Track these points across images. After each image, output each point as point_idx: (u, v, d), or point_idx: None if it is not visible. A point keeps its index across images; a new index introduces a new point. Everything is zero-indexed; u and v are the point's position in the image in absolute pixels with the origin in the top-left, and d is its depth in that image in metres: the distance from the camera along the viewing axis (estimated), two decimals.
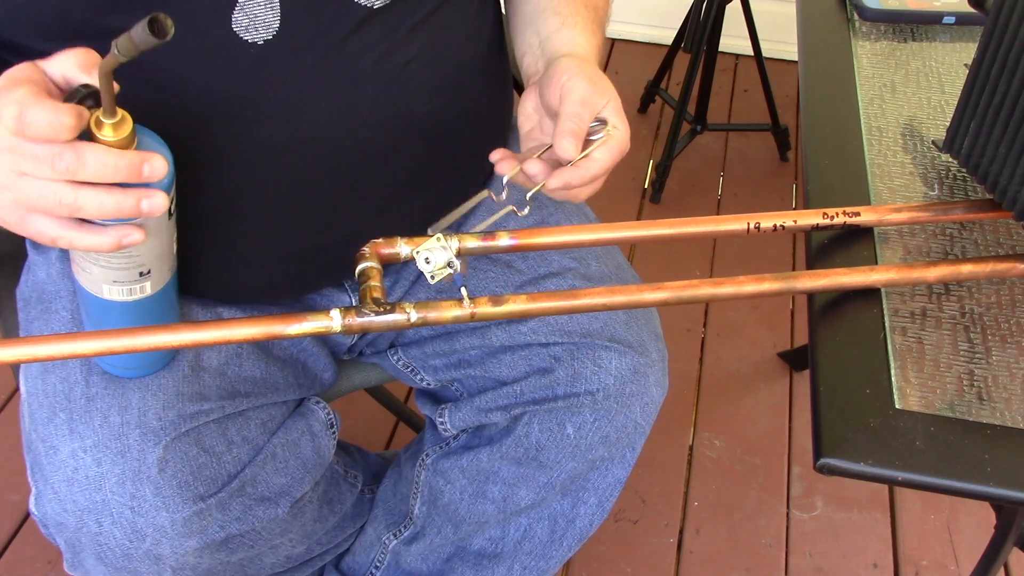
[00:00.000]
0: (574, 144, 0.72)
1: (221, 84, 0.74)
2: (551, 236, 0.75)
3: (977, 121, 0.77)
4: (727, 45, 2.14)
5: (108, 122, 0.60)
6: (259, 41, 0.73)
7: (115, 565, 0.80)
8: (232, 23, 0.72)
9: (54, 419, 0.80)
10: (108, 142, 0.60)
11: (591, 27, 0.89)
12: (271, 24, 0.73)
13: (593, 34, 0.88)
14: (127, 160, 0.60)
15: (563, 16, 0.88)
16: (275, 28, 0.73)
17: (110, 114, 0.60)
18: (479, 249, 0.72)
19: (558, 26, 0.87)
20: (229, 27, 0.72)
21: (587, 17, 0.89)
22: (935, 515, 1.54)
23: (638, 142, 2.32)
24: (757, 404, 1.71)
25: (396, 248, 0.70)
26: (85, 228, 0.62)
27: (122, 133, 0.60)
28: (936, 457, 0.62)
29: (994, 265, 0.73)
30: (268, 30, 0.73)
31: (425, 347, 1.00)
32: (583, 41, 0.86)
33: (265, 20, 0.73)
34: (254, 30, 0.73)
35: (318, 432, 0.94)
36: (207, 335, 0.63)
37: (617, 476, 1.02)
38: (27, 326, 0.88)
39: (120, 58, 0.56)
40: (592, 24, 0.89)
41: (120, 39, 0.56)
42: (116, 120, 0.60)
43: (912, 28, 1.05)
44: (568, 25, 0.87)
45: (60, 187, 0.59)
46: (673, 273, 1.93)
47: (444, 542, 1.08)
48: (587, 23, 0.88)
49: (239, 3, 0.72)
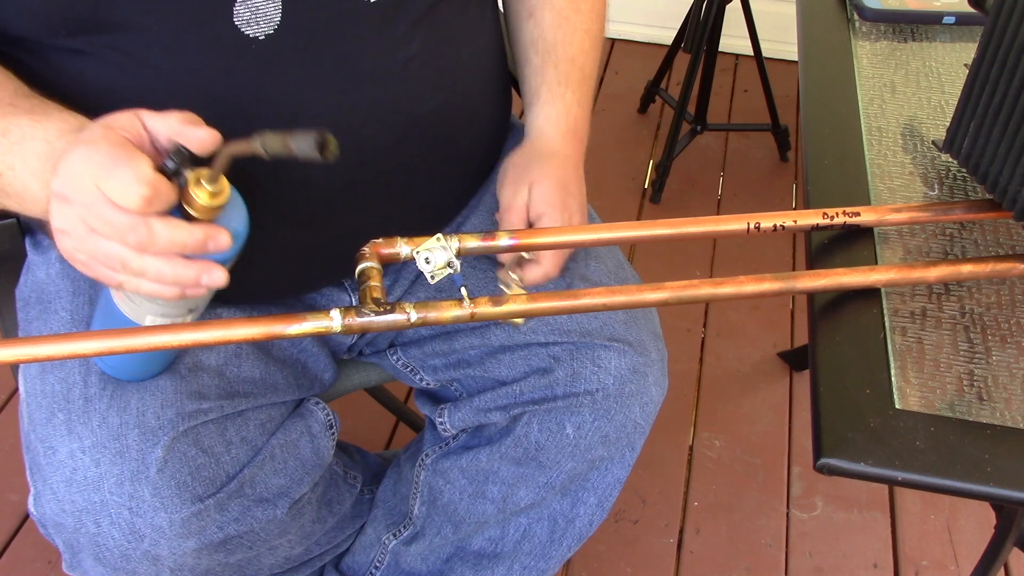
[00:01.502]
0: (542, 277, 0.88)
1: (223, 79, 0.74)
2: (551, 236, 0.75)
3: (977, 121, 0.77)
4: (727, 45, 2.14)
5: (208, 188, 0.61)
6: (260, 36, 0.73)
7: (113, 566, 0.80)
8: (234, 17, 0.72)
9: (53, 420, 0.80)
10: (198, 204, 0.62)
11: (575, 72, 0.94)
12: (272, 18, 0.73)
13: (573, 86, 0.93)
14: (195, 238, 0.61)
15: (541, 56, 0.94)
16: (276, 22, 0.73)
17: (213, 182, 0.61)
18: (479, 249, 0.72)
19: (537, 84, 0.94)
20: (231, 21, 0.72)
21: (566, 63, 0.94)
22: (935, 515, 1.54)
23: (638, 142, 2.33)
24: (757, 404, 1.71)
25: (396, 248, 0.69)
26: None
27: (215, 202, 0.62)
28: (936, 457, 0.62)
29: (994, 265, 0.73)
30: (270, 24, 0.73)
31: (425, 347, 0.99)
32: (559, 110, 0.93)
33: (267, 14, 0.73)
34: (256, 24, 0.73)
35: (317, 433, 0.94)
36: (207, 335, 0.63)
37: (617, 476, 1.02)
38: (26, 326, 0.88)
39: (261, 153, 0.58)
40: (573, 66, 0.94)
41: (271, 137, 0.57)
42: (216, 189, 0.62)
43: (912, 28, 1.05)
44: (547, 82, 0.93)
45: (127, 253, 0.61)
46: (673, 273, 1.93)
47: (444, 542, 1.08)
48: (570, 67, 0.94)
49: None
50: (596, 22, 0.97)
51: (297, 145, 0.56)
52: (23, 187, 0.66)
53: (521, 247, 0.74)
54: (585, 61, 0.95)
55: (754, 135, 2.31)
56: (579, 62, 0.94)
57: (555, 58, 0.93)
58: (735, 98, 2.48)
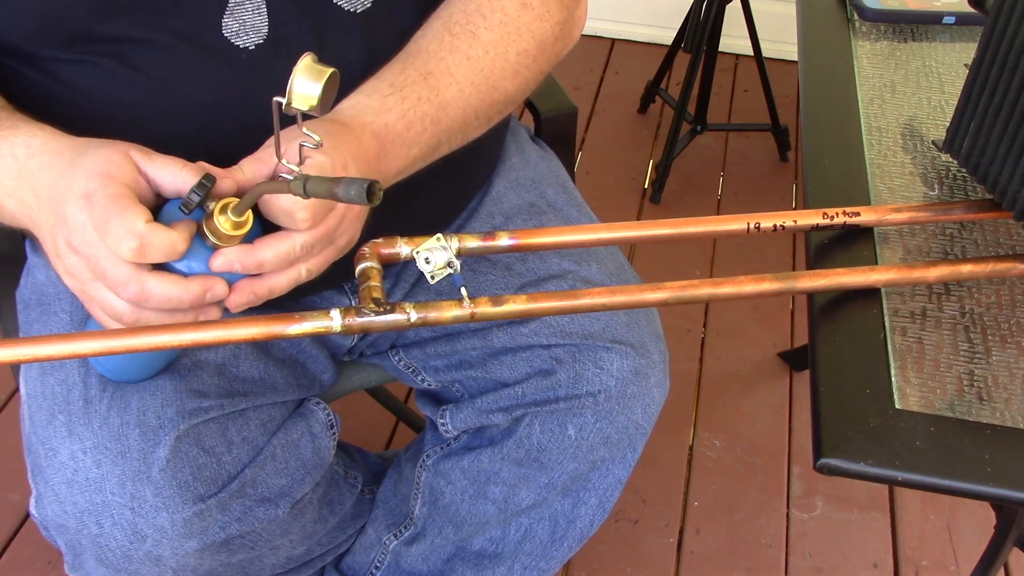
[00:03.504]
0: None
1: (215, 89, 0.74)
2: (551, 236, 0.75)
3: (977, 121, 0.77)
4: (727, 45, 2.14)
5: (233, 219, 0.62)
6: (250, 46, 0.74)
7: (116, 567, 0.80)
8: (223, 28, 0.72)
9: (53, 421, 0.80)
10: (222, 233, 0.62)
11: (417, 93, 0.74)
12: (260, 29, 0.73)
13: (409, 99, 0.73)
14: (191, 294, 0.62)
15: (401, 56, 0.76)
16: (264, 33, 0.74)
17: (239, 213, 0.62)
18: (479, 249, 0.72)
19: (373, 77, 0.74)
20: (220, 32, 0.72)
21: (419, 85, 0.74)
22: (935, 515, 1.54)
23: (638, 142, 2.33)
24: (757, 404, 1.71)
25: (396, 248, 0.69)
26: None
27: (238, 232, 0.63)
28: (936, 457, 0.62)
29: (994, 265, 0.73)
30: (258, 34, 0.74)
31: (426, 348, 0.99)
32: (373, 105, 0.72)
33: (254, 25, 0.73)
34: (244, 35, 0.73)
35: (318, 433, 0.94)
36: (207, 335, 0.63)
37: (618, 476, 1.02)
38: (27, 328, 0.88)
39: (300, 194, 0.58)
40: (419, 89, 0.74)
41: (316, 181, 0.57)
42: (241, 220, 0.63)
43: (912, 28, 1.05)
44: (378, 77, 0.74)
45: (123, 306, 0.63)
46: (673, 273, 1.93)
47: (445, 542, 1.08)
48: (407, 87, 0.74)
49: (229, 8, 0.72)
50: (500, 58, 0.77)
51: (344, 191, 0.56)
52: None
53: (521, 247, 0.74)
54: (447, 85, 0.75)
55: (754, 135, 2.31)
56: (436, 83, 0.74)
57: (409, 63, 0.75)
58: (735, 98, 2.48)
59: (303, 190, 0.57)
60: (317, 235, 0.65)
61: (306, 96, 0.56)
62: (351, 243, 0.71)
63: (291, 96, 0.57)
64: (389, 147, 0.72)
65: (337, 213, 0.66)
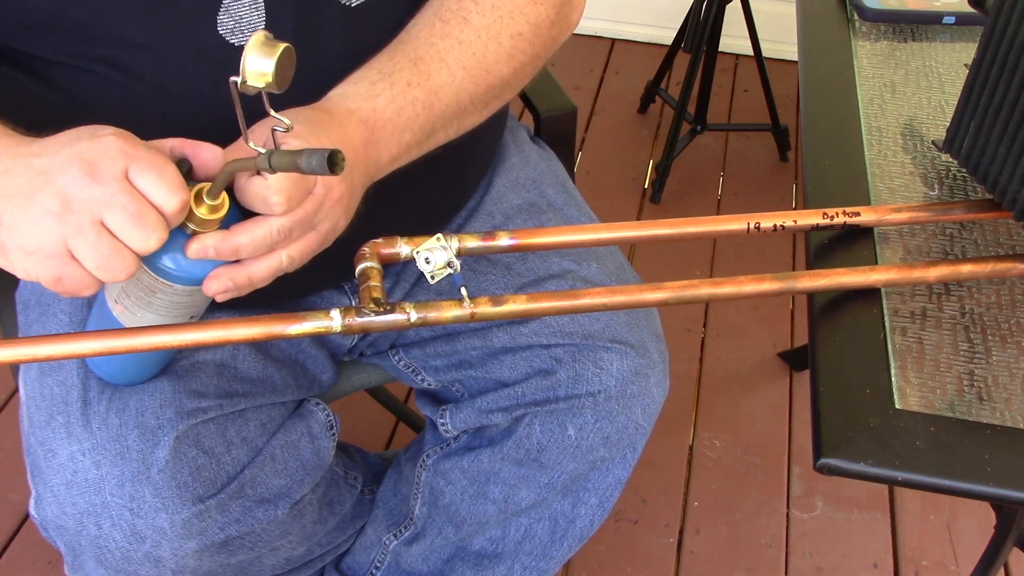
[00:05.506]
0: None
1: (211, 87, 0.73)
2: (551, 236, 0.75)
3: (977, 121, 0.77)
4: (727, 45, 2.14)
5: (209, 202, 0.62)
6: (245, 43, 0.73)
7: (115, 568, 0.80)
8: (218, 26, 0.72)
9: (52, 422, 0.80)
10: (198, 217, 0.62)
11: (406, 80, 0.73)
12: (256, 25, 0.73)
13: (399, 84, 0.72)
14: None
15: (392, 45, 0.75)
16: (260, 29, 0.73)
17: (214, 197, 0.62)
18: (479, 249, 0.72)
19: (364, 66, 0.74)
20: (215, 30, 0.72)
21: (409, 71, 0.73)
22: (935, 515, 1.54)
23: (638, 142, 2.33)
24: (757, 404, 1.71)
25: (396, 248, 0.69)
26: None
27: (215, 216, 0.63)
28: (936, 457, 0.62)
29: (994, 265, 0.73)
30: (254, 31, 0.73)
31: (426, 348, 0.99)
32: (361, 92, 0.71)
33: (251, 22, 0.72)
34: (240, 32, 0.72)
35: (318, 434, 0.94)
36: (207, 335, 0.63)
37: (618, 476, 1.02)
38: (26, 329, 0.88)
39: (266, 169, 0.58)
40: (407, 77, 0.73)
41: (279, 155, 0.57)
42: (216, 203, 0.63)
43: (912, 28, 1.05)
44: (369, 65, 0.73)
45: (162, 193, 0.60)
46: (673, 273, 1.93)
47: (444, 542, 1.08)
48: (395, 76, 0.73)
49: (224, 5, 0.71)
50: (493, 41, 0.77)
51: (306, 162, 0.56)
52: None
53: (521, 247, 0.74)
54: (438, 70, 0.74)
55: (754, 135, 2.31)
56: (426, 68, 0.74)
57: (399, 50, 0.74)
58: (735, 98, 2.48)
59: (268, 164, 0.58)
60: (295, 219, 0.64)
61: (260, 73, 0.56)
62: (335, 230, 0.69)
63: (245, 74, 0.56)
64: (380, 133, 0.71)
65: (315, 197, 0.65)
